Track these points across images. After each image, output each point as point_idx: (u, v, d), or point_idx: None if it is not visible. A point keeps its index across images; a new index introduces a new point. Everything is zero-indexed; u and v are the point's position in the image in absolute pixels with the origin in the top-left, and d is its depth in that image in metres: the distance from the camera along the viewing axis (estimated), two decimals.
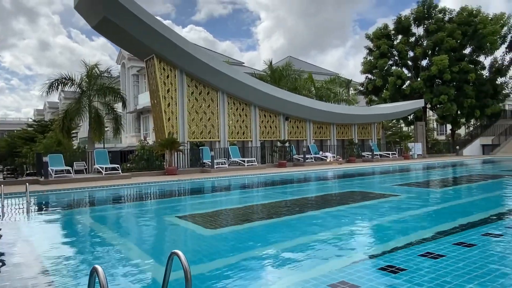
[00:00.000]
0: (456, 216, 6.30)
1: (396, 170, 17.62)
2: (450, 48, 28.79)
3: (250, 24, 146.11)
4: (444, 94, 28.11)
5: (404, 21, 31.07)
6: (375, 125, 26.70)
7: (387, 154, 25.01)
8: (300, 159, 21.01)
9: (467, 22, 29.39)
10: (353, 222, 6.25)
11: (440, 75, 28.33)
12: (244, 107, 20.13)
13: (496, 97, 30.78)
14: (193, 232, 5.75)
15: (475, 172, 16.26)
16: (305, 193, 10.62)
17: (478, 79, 29.40)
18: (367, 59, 32.67)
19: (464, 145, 32.18)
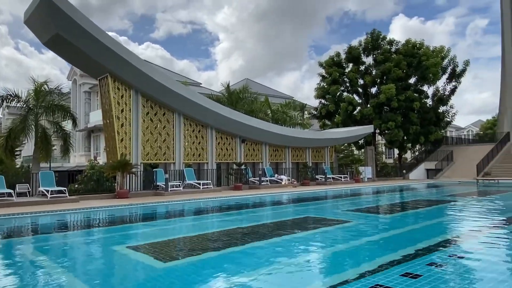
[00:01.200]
0: (403, 244, 6.57)
1: (348, 194, 18.17)
2: (397, 78, 30.59)
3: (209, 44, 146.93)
4: (392, 121, 29.66)
5: (354, 51, 32.73)
6: (328, 149, 27.53)
7: (339, 177, 25.77)
8: (256, 181, 21.08)
9: (412, 54, 31.51)
10: (305, 251, 6.33)
11: (388, 103, 29.93)
12: (201, 128, 20.02)
13: (438, 124, 32.94)
14: (143, 265, 5.54)
15: (420, 197, 17.13)
16: (260, 219, 10.63)
17: (422, 107, 31.37)
18: (320, 85, 33.88)
19: (410, 169, 33.92)
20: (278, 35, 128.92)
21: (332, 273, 5.04)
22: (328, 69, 33.33)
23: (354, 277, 4.53)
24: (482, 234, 7.50)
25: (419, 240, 6.85)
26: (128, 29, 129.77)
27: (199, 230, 8.82)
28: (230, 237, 7.58)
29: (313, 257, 5.89)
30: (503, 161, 30.26)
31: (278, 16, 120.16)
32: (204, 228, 9.12)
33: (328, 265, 5.54)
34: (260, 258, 5.75)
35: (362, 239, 7.25)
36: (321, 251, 6.45)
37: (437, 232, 7.91)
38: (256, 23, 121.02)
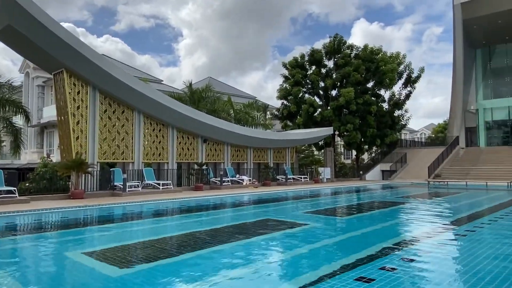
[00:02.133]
0: (358, 248, 6.81)
1: (307, 195, 18.55)
2: (356, 82, 31.57)
3: (172, 40, 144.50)
4: (350, 123, 30.59)
5: (317, 54, 33.41)
6: (289, 149, 27.93)
7: (299, 177, 26.22)
8: (217, 182, 21.01)
9: (371, 59, 32.63)
10: (263, 256, 6.41)
11: (347, 106, 30.83)
12: (161, 127, 19.66)
13: (394, 127, 34.37)
14: (98, 272, 5.37)
15: (375, 198, 17.80)
16: (221, 222, 10.62)
17: (379, 111, 32.59)
18: (282, 86, 34.30)
19: (367, 169, 35.15)
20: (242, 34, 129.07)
21: (289, 279, 5.13)
22: (291, 70, 33.81)
23: (309, 282, 4.64)
24: (432, 237, 7.92)
25: (373, 243, 7.13)
26: (87, 21, 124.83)
27: (158, 233, 8.67)
28: (189, 241, 7.52)
29: (270, 263, 5.98)
30: (452, 163, 32.06)
31: (243, 15, 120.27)
32: (163, 232, 8.98)
33: (284, 271, 5.64)
34: (218, 263, 5.75)
35: (319, 242, 7.43)
36: (279, 256, 6.55)
37: (390, 235, 8.26)
38: (220, 20, 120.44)
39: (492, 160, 30.90)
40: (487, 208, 13.35)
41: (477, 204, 15.00)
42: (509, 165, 28.88)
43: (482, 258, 5.84)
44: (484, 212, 12.17)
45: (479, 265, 5.43)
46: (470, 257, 6.04)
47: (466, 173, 28.72)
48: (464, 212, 12.67)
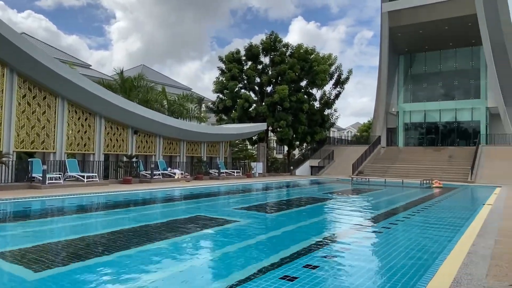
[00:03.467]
0: (285, 245, 7.05)
1: (239, 190, 18.75)
2: (290, 80, 32.43)
3: (103, 21, 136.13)
4: (283, 120, 31.42)
5: (254, 49, 33.71)
6: (223, 144, 27.94)
7: (232, 172, 26.39)
8: (148, 175, 20.38)
9: (305, 59, 33.71)
10: (192, 256, 6.38)
11: (281, 103, 31.59)
12: (88, 116, 18.54)
13: (323, 125, 35.97)
14: (11, 276, 4.95)
15: (304, 194, 18.54)
16: (150, 218, 10.32)
17: (311, 109, 33.88)
18: (219, 80, 34.14)
19: (297, 165, 36.43)
20: (180, 21, 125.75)
21: (216, 279, 5.17)
22: (228, 64, 33.74)
23: (235, 282, 4.71)
24: (353, 233, 8.46)
25: (300, 240, 7.43)
26: None
27: (79, 232, 8.20)
28: (114, 240, 7.22)
29: (198, 262, 5.96)
30: (374, 161, 34.42)
31: (182, 1, 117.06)
32: (85, 230, 8.51)
33: (212, 271, 5.66)
34: (145, 264, 5.60)
35: (249, 240, 7.57)
36: (208, 255, 6.56)
37: (315, 232, 8.67)
38: (157, 5, 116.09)
39: (408, 159, 33.73)
40: (402, 205, 14.57)
41: (394, 201, 16.31)
42: (423, 164, 31.74)
43: (396, 253, 6.37)
44: (400, 209, 13.28)
45: (393, 260, 5.92)
46: (386, 253, 6.56)
47: (385, 171, 31.04)
48: (382, 208, 13.70)
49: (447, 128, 42.46)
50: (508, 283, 4.56)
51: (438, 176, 26.86)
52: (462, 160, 30.84)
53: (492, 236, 7.41)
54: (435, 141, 42.08)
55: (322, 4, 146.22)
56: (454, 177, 27.64)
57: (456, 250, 6.32)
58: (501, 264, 5.36)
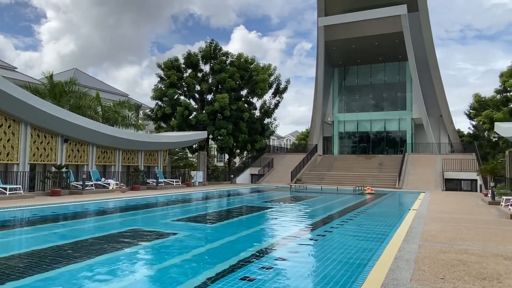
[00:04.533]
0: (224, 257, 7.01)
1: (179, 200, 18.36)
2: (230, 88, 32.62)
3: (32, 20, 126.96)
4: (224, 128, 31.45)
5: (193, 58, 33.49)
6: (162, 152, 27.25)
7: (171, 181, 25.79)
8: (79, 186, 19.22)
9: (245, 68, 34.14)
10: (123, 273, 6.11)
11: (222, 111, 31.63)
12: (12, 123, 17.12)
13: (263, 134, 36.58)
14: None
15: (244, 202, 18.63)
16: (81, 234, 9.72)
17: (251, 118, 34.31)
18: (158, 87, 33.39)
19: (238, 173, 36.60)
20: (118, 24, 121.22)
21: None
22: (167, 71, 33.13)
23: None
24: (290, 242, 8.64)
25: (238, 252, 7.43)
26: None
27: (1, 250, 7.48)
28: (41, 258, 6.68)
29: (132, 279, 5.72)
30: (311, 169, 35.60)
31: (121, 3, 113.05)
32: (7, 248, 7.79)
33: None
34: (76, 284, 5.25)
35: (187, 254, 7.41)
36: (143, 271, 6.32)
37: (253, 242, 8.73)
38: (94, 7, 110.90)
39: (342, 167, 35.36)
40: (337, 212, 15.20)
41: (329, 208, 16.97)
42: (356, 171, 33.46)
43: (330, 261, 6.61)
44: (334, 216, 13.84)
45: (327, 268, 6.13)
46: (321, 261, 6.79)
47: (322, 178, 32.26)
48: (318, 216, 14.19)
49: (378, 137, 45.27)
50: (429, 286, 4.94)
51: (370, 183, 28.47)
52: (391, 168, 33.00)
53: (416, 241, 7.99)
54: (367, 149, 44.63)
55: (262, 14, 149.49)
56: (384, 183, 29.47)
57: (384, 255, 6.72)
58: (423, 268, 5.79)
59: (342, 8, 43.24)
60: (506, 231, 9.46)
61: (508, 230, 9.70)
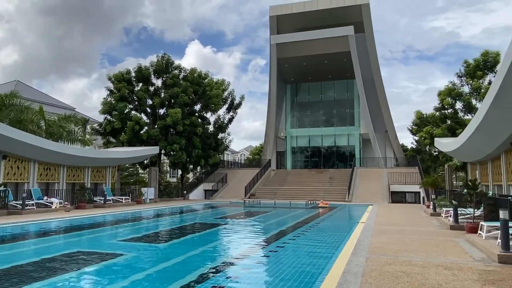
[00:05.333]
0: (174, 278, 6.80)
1: (128, 219, 17.66)
2: (184, 103, 32.29)
3: None
4: (177, 144, 30.94)
5: (145, 71, 32.88)
6: (110, 168, 26.21)
7: (120, 199, 24.81)
8: (18, 206, 17.92)
9: (198, 83, 34.03)
10: None
11: (175, 126, 31.17)
12: None
13: (217, 149, 36.43)
14: None
15: (197, 219, 18.31)
16: (17, 259, 9.02)
17: (205, 133, 34.08)
18: (107, 100, 32.32)
19: (191, 188, 36.03)
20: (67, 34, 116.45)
21: None
22: (117, 84, 32.20)
23: None
24: (244, 258, 8.57)
25: (190, 271, 7.23)
26: None
27: None
28: None
29: None
30: (265, 184, 35.85)
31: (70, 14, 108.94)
32: None
33: None
34: None
35: (134, 276, 7.11)
36: None
37: (206, 260, 8.56)
38: (41, 16, 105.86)
39: (295, 181, 35.96)
40: (290, 226, 15.35)
41: (282, 223, 17.10)
42: (308, 185, 34.15)
43: (282, 277, 6.63)
44: (287, 230, 13.95)
45: (279, 284, 6.14)
46: (273, 276, 6.79)
47: (275, 193, 32.56)
48: (271, 231, 14.25)
49: (328, 151, 46.69)
50: None
51: (321, 197, 29.15)
52: (341, 181, 34.05)
53: (363, 254, 8.24)
54: (319, 163, 45.83)
55: (217, 30, 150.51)
56: (335, 197, 30.30)
57: (333, 269, 6.85)
58: (370, 281, 5.97)
59: (294, 27, 44.70)
60: (446, 242, 10.04)
61: (447, 240, 10.30)
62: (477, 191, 12.11)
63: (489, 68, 28.85)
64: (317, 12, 42.19)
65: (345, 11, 41.46)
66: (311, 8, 42.19)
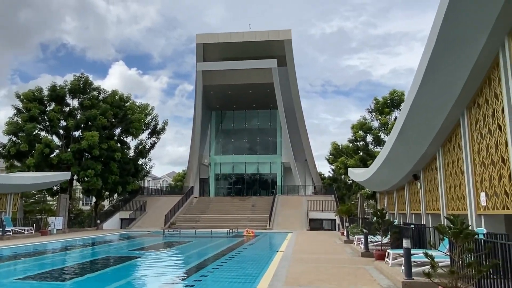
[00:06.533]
0: None
1: (28, 253, 15.83)
2: (102, 126, 30.59)
3: None
4: (92, 169, 28.98)
5: (60, 90, 30.75)
6: (12, 196, 23.56)
7: (22, 229, 22.34)
8: None
9: (119, 106, 32.64)
10: None
11: (90, 150, 29.26)
12: None
13: (136, 175, 34.84)
14: None
15: (110, 252, 17.05)
16: None
17: (124, 158, 32.47)
18: (13, 120, 29.41)
19: (106, 217, 33.70)
20: None
21: None
22: (27, 103, 29.54)
23: None
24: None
25: None
26: None
27: None
28: None
29: None
30: (186, 212, 34.94)
31: None
32: None
33: None
34: None
35: None
36: None
37: None
38: None
39: (218, 209, 35.61)
40: (209, 257, 14.97)
41: (202, 253, 16.66)
42: (231, 213, 34.00)
43: None
44: (207, 261, 13.58)
45: None
46: None
47: (196, 221, 31.83)
48: (191, 263, 13.76)
49: (252, 179, 47.32)
50: None
51: (243, 225, 29.15)
52: (263, 209, 34.51)
53: (280, 284, 8.29)
54: (242, 191, 46.09)
55: (144, 52, 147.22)
56: (257, 225, 30.51)
57: None
58: None
59: (220, 55, 45.51)
60: (357, 269, 10.55)
61: (358, 268, 10.83)
62: (385, 220, 13.06)
63: (395, 106, 31.98)
64: (243, 44, 43.56)
65: (269, 45, 43.40)
66: (237, 39, 43.45)
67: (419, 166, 14.97)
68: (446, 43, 7.99)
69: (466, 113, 10.13)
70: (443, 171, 12.56)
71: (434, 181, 13.70)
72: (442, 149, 12.54)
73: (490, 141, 8.87)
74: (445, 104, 10.11)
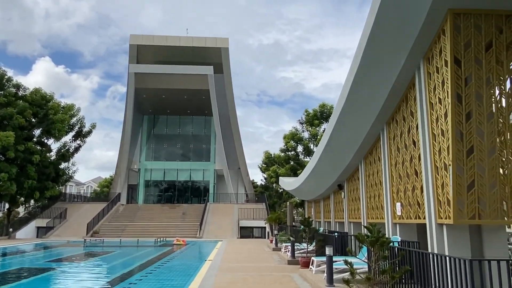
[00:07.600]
0: None
1: None
2: (19, 126, 28.05)
3: None
4: (5, 172, 26.39)
5: None
6: None
7: None
8: None
9: (40, 105, 30.21)
10: None
11: (4, 152, 26.65)
12: None
13: (57, 180, 32.35)
14: None
15: (22, 263, 15.58)
16: None
17: (43, 161, 30.00)
18: None
19: (20, 225, 30.84)
20: None
21: None
22: None
23: None
24: None
25: None
26: None
27: None
28: None
29: None
30: (111, 220, 33.16)
31: None
32: None
33: None
34: None
35: None
36: None
37: None
38: None
39: (146, 217, 34.29)
40: (134, 267, 14.30)
41: (127, 264, 15.87)
42: (159, 221, 32.93)
43: None
44: (131, 273, 12.95)
45: None
46: None
47: (122, 230, 30.32)
48: (113, 274, 13.01)
49: (184, 186, 46.38)
50: None
51: (173, 233, 28.39)
52: (194, 217, 33.94)
53: None
54: (173, 198, 44.95)
55: (73, 49, 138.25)
56: (187, 233, 29.88)
57: None
58: None
59: (155, 58, 44.30)
60: (283, 277, 10.75)
61: (284, 276, 11.04)
62: (310, 228, 13.52)
63: (324, 118, 33.55)
64: (179, 48, 42.85)
65: (206, 51, 43.20)
66: (173, 43, 42.63)
67: (343, 177, 15.78)
68: (369, 63, 8.58)
69: (386, 128, 10.90)
70: (364, 182, 13.36)
71: (356, 191, 14.51)
72: (364, 161, 13.35)
73: (406, 155, 9.63)
74: (367, 120, 10.80)
